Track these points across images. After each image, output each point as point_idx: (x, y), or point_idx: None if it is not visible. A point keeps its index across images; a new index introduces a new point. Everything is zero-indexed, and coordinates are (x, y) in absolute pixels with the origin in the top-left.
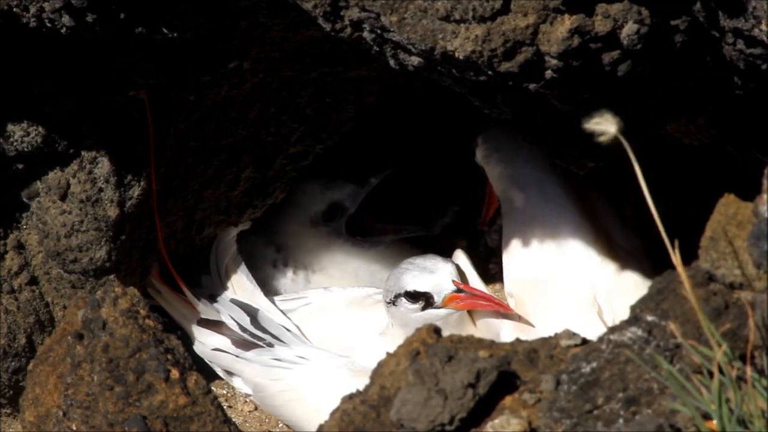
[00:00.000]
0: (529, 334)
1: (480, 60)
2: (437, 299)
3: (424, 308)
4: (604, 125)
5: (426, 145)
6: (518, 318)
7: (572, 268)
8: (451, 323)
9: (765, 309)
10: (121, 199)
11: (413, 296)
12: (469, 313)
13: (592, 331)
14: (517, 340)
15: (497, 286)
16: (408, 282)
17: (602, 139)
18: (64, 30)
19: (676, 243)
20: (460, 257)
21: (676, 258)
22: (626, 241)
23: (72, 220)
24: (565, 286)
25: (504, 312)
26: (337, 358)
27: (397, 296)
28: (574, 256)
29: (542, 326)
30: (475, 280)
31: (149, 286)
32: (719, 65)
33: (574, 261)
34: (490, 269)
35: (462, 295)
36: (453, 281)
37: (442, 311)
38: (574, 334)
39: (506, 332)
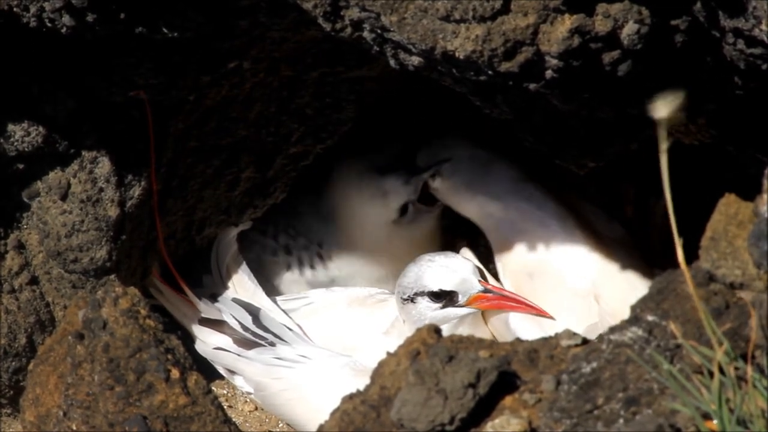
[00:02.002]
0: (542, 327)
1: (480, 60)
2: (462, 298)
3: (444, 306)
4: (659, 110)
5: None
6: (548, 315)
7: (563, 258)
8: (467, 322)
9: (765, 309)
10: (122, 199)
11: (437, 295)
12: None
13: (590, 320)
14: (517, 340)
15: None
16: (432, 280)
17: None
18: (64, 30)
19: (680, 242)
20: (468, 255)
21: (681, 257)
22: (611, 231)
23: (72, 219)
24: (559, 277)
25: (536, 314)
26: (339, 358)
27: (418, 294)
28: (563, 247)
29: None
30: (491, 279)
31: (150, 285)
32: (719, 65)
33: (564, 252)
34: (491, 269)
35: (489, 295)
36: (479, 281)
37: (463, 310)
38: (575, 334)
39: (517, 322)
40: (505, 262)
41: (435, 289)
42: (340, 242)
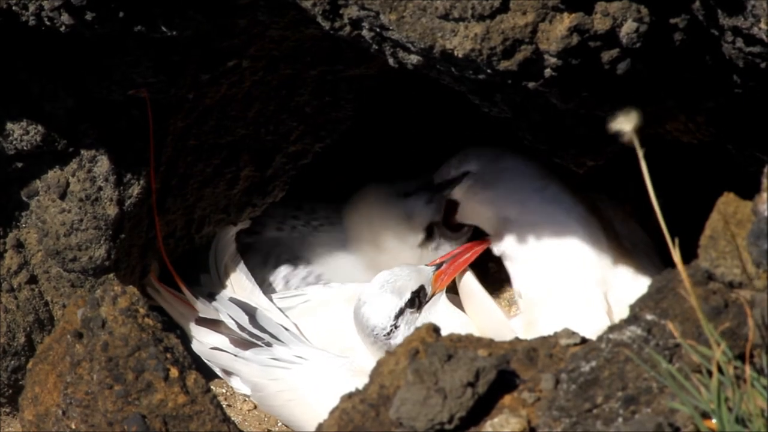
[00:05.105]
0: (532, 324)
1: (479, 58)
2: (428, 288)
3: (420, 306)
4: (623, 124)
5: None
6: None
7: (580, 266)
8: (440, 303)
9: (764, 308)
10: (121, 197)
11: (412, 301)
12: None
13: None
14: (517, 339)
15: (496, 285)
16: (398, 296)
17: (624, 137)
18: (63, 28)
19: (677, 241)
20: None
21: (676, 256)
22: (630, 233)
23: (71, 218)
24: (573, 286)
25: (486, 244)
26: (336, 358)
27: (396, 317)
28: (582, 255)
29: (553, 327)
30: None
31: (148, 285)
32: (719, 64)
33: (582, 260)
34: (490, 268)
35: (443, 267)
36: (427, 264)
37: (435, 297)
38: (574, 333)
39: (516, 324)
40: (518, 272)
41: (408, 297)
42: (348, 269)
